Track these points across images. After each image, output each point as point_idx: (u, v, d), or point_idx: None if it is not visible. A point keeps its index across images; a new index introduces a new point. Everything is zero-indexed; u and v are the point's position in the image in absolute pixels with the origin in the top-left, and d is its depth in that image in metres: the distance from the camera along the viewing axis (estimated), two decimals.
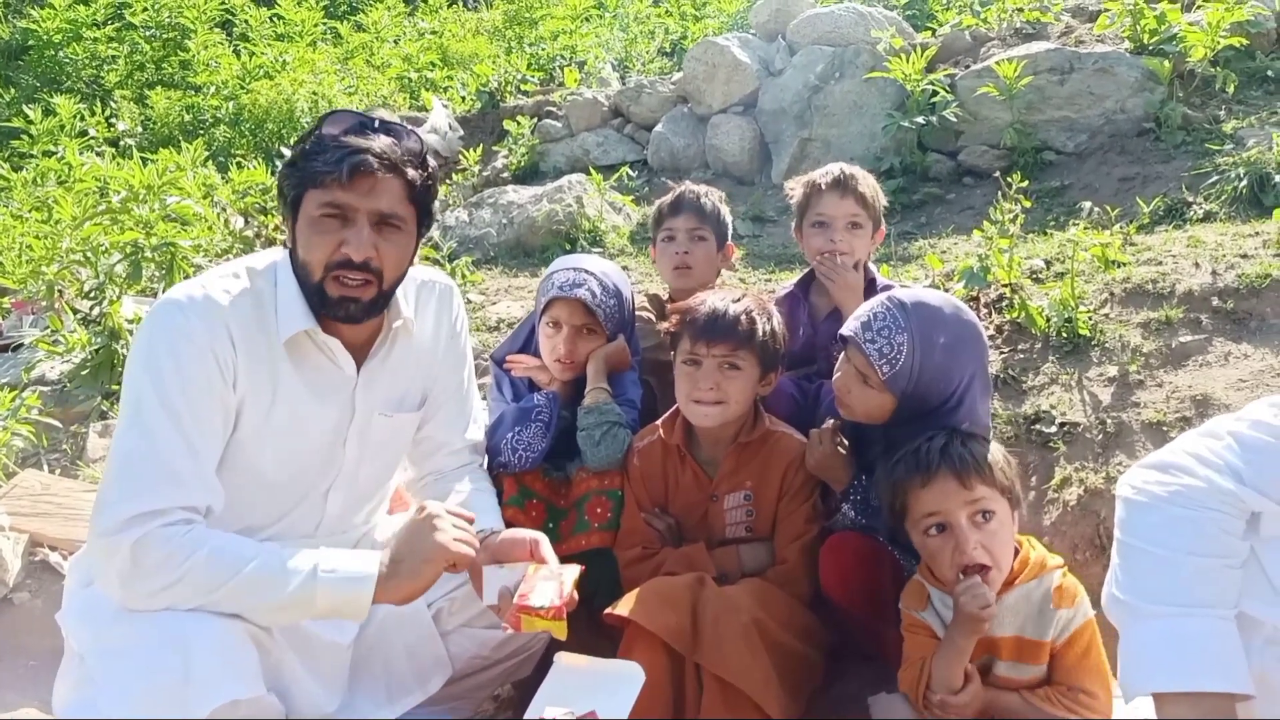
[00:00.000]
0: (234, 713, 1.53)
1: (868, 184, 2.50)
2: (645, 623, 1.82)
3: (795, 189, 2.56)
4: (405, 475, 2.19)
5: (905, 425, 1.89)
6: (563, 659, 1.68)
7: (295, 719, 1.76)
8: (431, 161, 1.84)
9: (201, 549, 1.57)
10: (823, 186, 2.46)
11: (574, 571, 1.71)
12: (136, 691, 1.50)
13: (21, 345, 4.01)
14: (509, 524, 1.97)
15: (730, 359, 2.03)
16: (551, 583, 1.67)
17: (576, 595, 1.68)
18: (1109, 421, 2.61)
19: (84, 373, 3.58)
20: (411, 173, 1.74)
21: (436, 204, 2.13)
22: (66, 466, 3.27)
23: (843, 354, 2.01)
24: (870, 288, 2.40)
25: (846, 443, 2.07)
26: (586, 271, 2.30)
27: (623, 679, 1.60)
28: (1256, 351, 2.78)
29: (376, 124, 1.76)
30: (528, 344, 2.44)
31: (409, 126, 1.82)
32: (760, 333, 2.05)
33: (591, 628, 2.01)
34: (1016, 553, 1.78)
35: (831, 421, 2.07)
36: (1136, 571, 1.33)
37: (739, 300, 2.07)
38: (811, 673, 1.95)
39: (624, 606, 1.87)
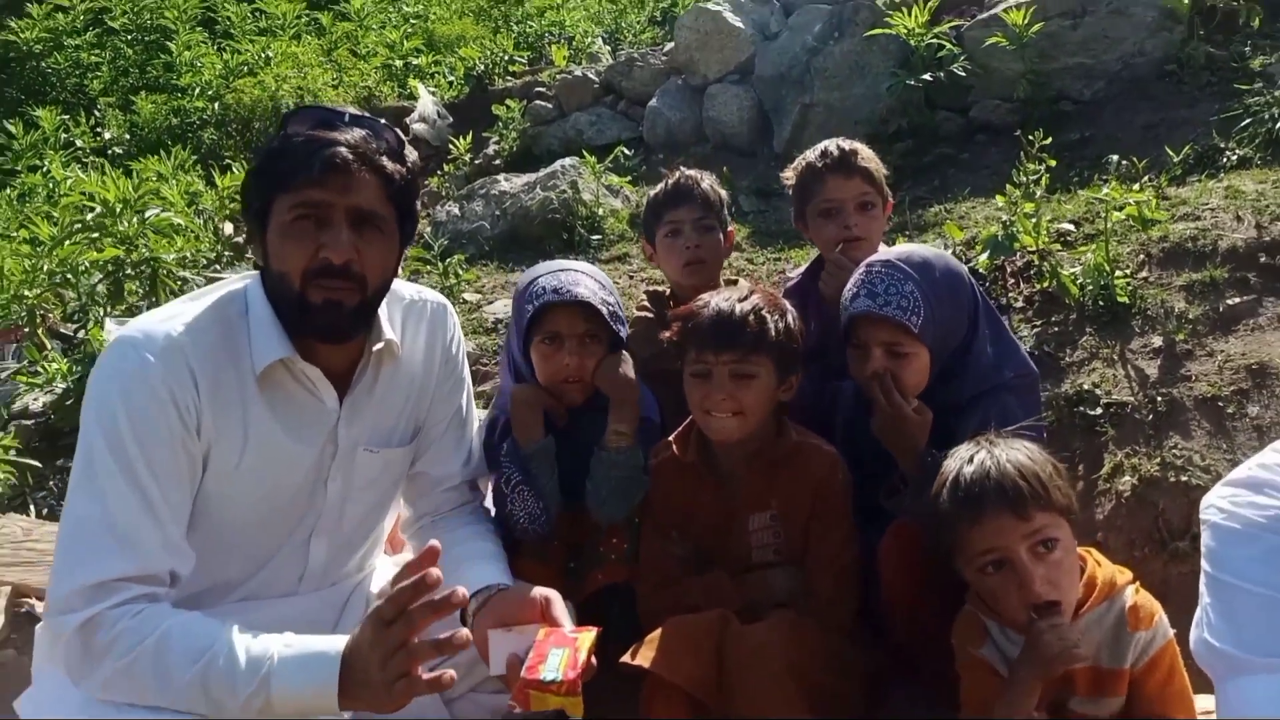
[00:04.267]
0: None
1: (869, 157, 2.30)
2: (666, 673, 1.64)
3: (791, 175, 2.34)
4: (402, 515, 2.01)
5: (948, 382, 1.83)
6: None
7: None
8: (411, 154, 1.65)
9: (152, 634, 1.40)
10: (822, 169, 2.24)
11: (589, 636, 1.52)
12: None
13: (3, 376, 3.86)
14: (528, 575, 1.77)
15: (743, 366, 1.82)
16: (564, 650, 1.48)
17: (594, 662, 1.50)
18: (1159, 399, 2.41)
19: (68, 404, 3.43)
20: (390, 166, 1.57)
21: (420, 204, 1.91)
22: (54, 506, 3.13)
23: (853, 348, 1.88)
24: None
25: (924, 407, 1.86)
26: (574, 270, 2.04)
27: None
28: None
29: (346, 118, 1.59)
30: (517, 378, 2.13)
31: (384, 121, 1.64)
32: (773, 333, 1.84)
33: (607, 672, 1.83)
34: (1080, 572, 1.58)
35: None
36: (1236, 615, 1.15)
37: (746, 299, 1.86)
38: (853, 710, 1.76)
39: (643, 654, 1.68)
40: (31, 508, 3.10)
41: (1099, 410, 2.43)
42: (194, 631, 1.43)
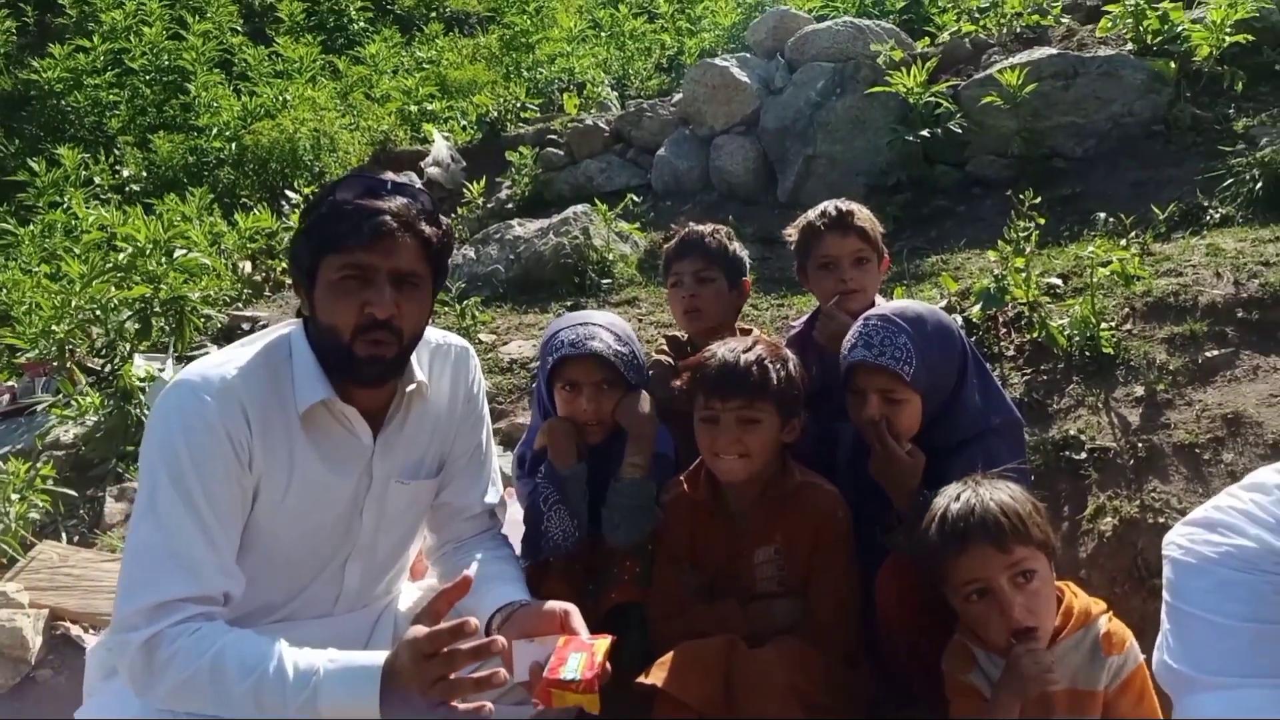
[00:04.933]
0: None
1: (865, 217, 2.46)
2: (677, 692, 1.78)
3: (793, 232, 2.52)
4: (425, 542, 2.15)
5: (939, 427, 1.96)
6: None
7: None
8: (445, 220, 1.81)
9: (209, 651, 1.53)
10: (821, 227, 2.42)
11: (605, 642, 1.67)
12: None
13: (31, 410, 3.99)
14: (553, 593, 1.90)
15: (747, 412, 1.97)
16: (582, 654, 1.63)
17: (609, 666, 1.64)
18: (1140, 445, 2.55)
19: (98, 436, 3.57)
20: (428, 230, 1.73)
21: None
22: (84, 534, 3.26)
23: (851, 393, 2.02)
24: None
25: (917, 450, 2.01)
26: (593, 324, 2.23)
27: None
28: None
29: (389, 186, 1.74)
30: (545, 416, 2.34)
31: (420, 187, 1.80)
32: (775, 381, 1.99)
33: (620, 689, 1.96)
34: (1058, 602, 1.73)
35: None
36: (1191, 639, 1.28)
37: (750, 349, 2.01)
38: None
39: (655, 674, 1.82)
40: (63, 534, 3.22)
41: (1083, 455, 2.57)
42: (247, 648, 1.56)
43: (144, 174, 8.63)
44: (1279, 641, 1.24)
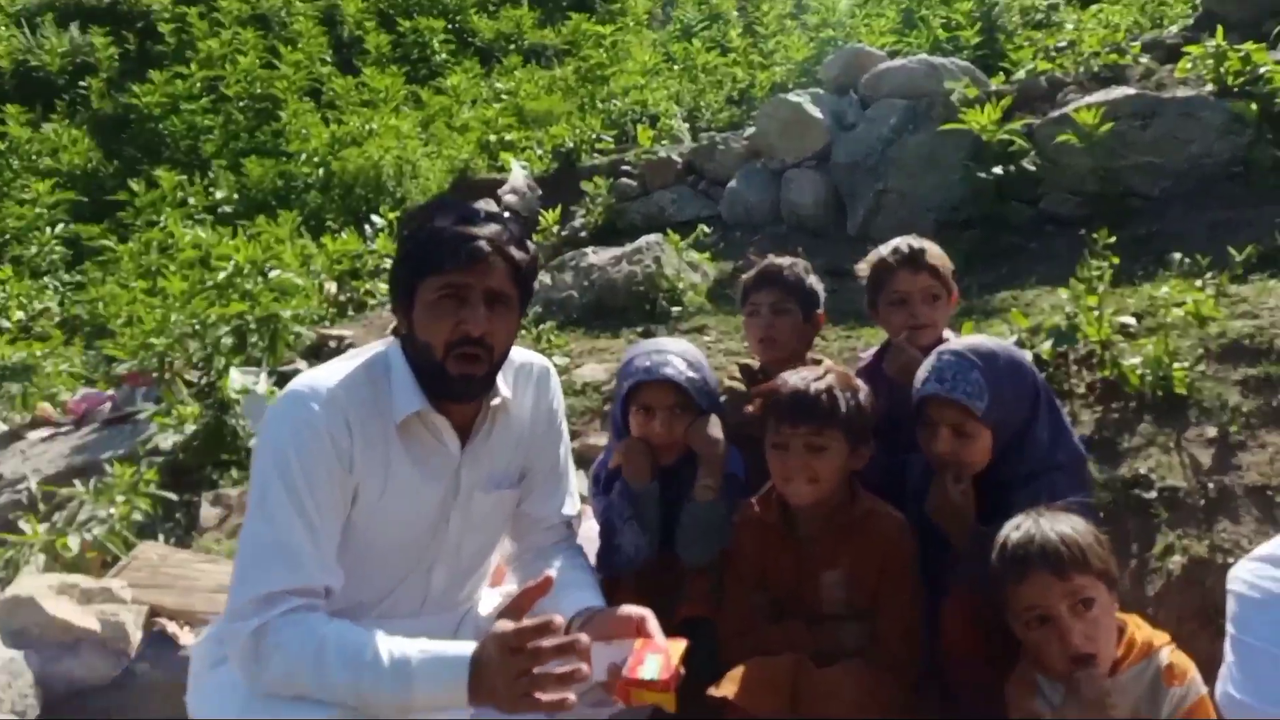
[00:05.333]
0: None
1: (936, 254, 2.52)
2: (748, 706, 1.85)
3: (864, 268, 2.59)
4: (506, 550, 2.26)
5: (1006, 461, 2.00)
6: None
7: None
8: (531, 246, 1.93)
9: (312, 641, 1.64)
10: (893, 264, 2.48)
11: (680, 646, 1.76)
12: None
13: (134, 417, 4.23)
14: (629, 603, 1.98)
15: (816, 439, 2.05)
16: (659, 656, 1.72)
17: (683, 669, 1.72)
18: (1211, 486, 2.56)
19: (195, 444, 3.77)
20: (517, 255, 1.85)
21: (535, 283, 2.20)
22: (180, 536, 3.45)
23: (922, 426, 2.06)
24: None
25: (970, 490, 2.07)
26: (666, 352, 2.33)
27: None
28: None
29: (482, 214, 1.87)
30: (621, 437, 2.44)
31: (508, 214, 1.93)
32: (844, 408, 2.07)
33: (690, 700, 2.04)
34: (1121, 634, 1.77)
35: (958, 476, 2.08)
36: (1256, 672, 1.32)
37: (821, 378, 2.10)
38: None
39: (726, 687, 1.89)
40: (160, 536, 3.42)
41: (1154, 494, 2.58)
42: (347, 638, 1.67)
43: (235, 196, 9.04)
44: None
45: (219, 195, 8.94)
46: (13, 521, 3.25)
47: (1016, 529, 1.78)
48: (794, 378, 2.11)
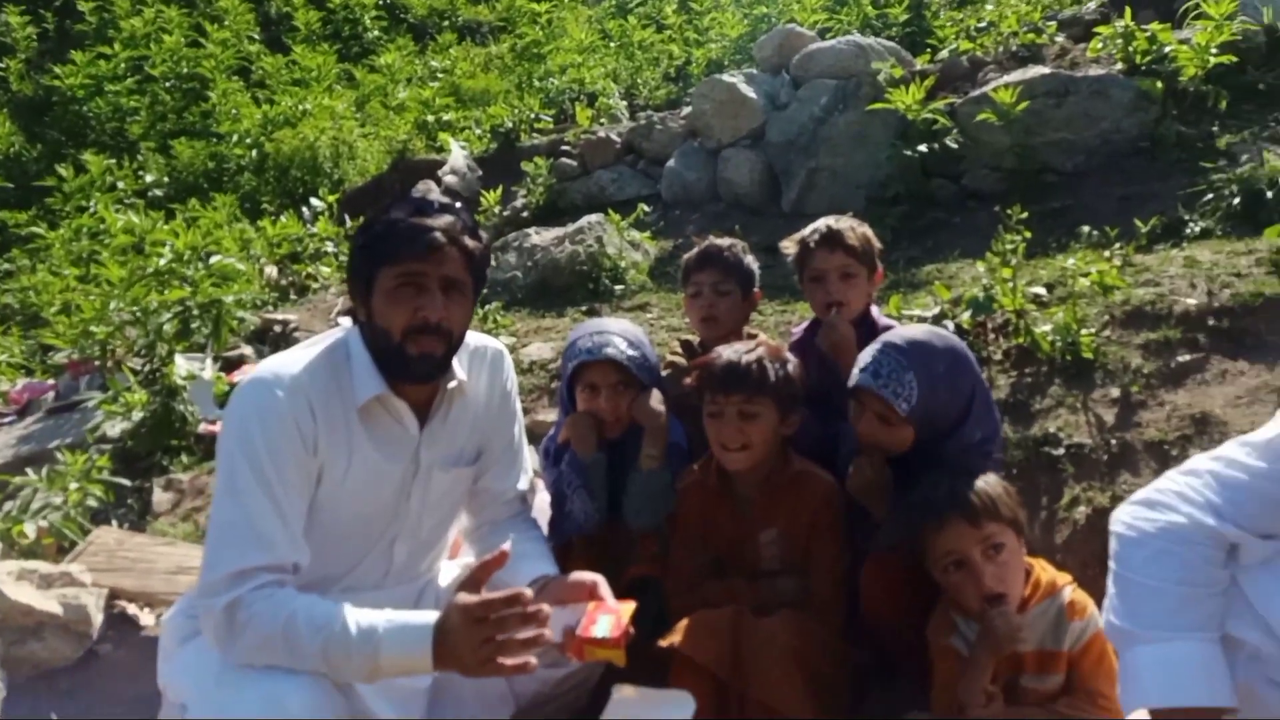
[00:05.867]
0: None
1: (856, 234, 2.64)
2: (692, 653, 2.02)
3: (790, 247, 2.73)
4: (464, 524, 2.38)
5: (928, 447, 2.11)
6: (620, 690, 1.87)
7: None
8: (483, 235, 2.04)
9: (282, 613, 1.74)
10: (812, 244, 2.63)
11: (629, 607, 1.91)
12: None
13: (79, 405, 4.23)
14: (578, 570, 2.11)
15: (747, 407, 2.21)
16: (610, 616, 1.87)
17: (632, 628, 1.87)
18: (1113, 442, 2.78)
19: (143, 431, 3.80)
20: (471, 244, 1.95)
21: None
22: (134, 521, 3.49)
23: (854, 403, 2.21)
24: (871, 329, 2.58)
25: (885, 469, 2.22)
26: (608, 332, 2.47)
27: (675, 704, 1.80)
28: (1252, 368, 2.94)
29: (436, 205, 1.97)
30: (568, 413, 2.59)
31: (460, 205, 2.03)
32: (773, 378, 2.22)
33: (639, 655, 2.19)
34: (1028, 575, 1.97)
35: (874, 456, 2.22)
36: (1131, 600, 1.51)
37: (751, 350, 2.26)
38: (844, 695, 2.13)
39: (672, 637, 2.06)
40: (113, 521, 3.46)
41: (1061, 450, 2.80)
42: (316, 610, 1.78)
43: (166, 179, 8.86)
44: (1202, 602, 1.48)
45: (148, 179, 8.75)
46: None
47: (935, 486, 1.96)
48: (728, 351, 2.26)
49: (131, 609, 2.96)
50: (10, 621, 2.70)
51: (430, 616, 1.77)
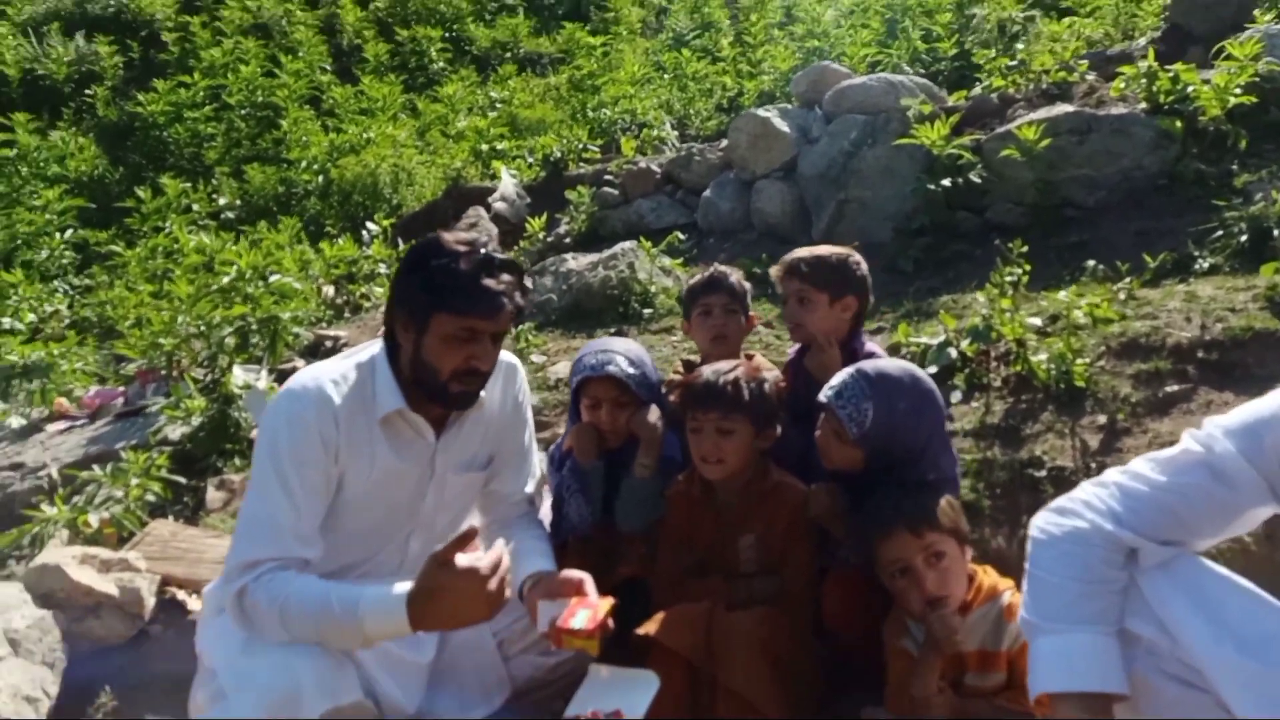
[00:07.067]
0: (339, 714, 1.96)
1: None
2: (667, 641, 2.22)
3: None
4: (474, 521, 2.61)
5: (878, 475, 2.27)
6: (595, 668, 2.08)
7: (384, 719, 2.18)
8: (527, 284, 2.24)
9: (279, 597, 1.96)
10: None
11: (608, 603, 2.11)
12: (261, 703, 1.91)
13: (145, 410, 4.59)
14: (573, 568, 2.30)
15: (724, 424, 2.40)
16: (589, 610, 2.08)
17: (611, 622, 2.07)
18: (1094, 466, 2.91)
19: (201, 435, 4.13)
20: (521, 302, 2.16)
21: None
22: (189, 516, 3.80)
23: (822, 415, 2.39)
24: (853, 356, 2.75)
25: (844, 499, 2.40)
26: (612, 351, 2.69)
27: (642, 683, 2.01)
28: (1237, 399, 3.04)
29: (498, 262, 2.10)
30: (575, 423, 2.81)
31: (515, 259, 2.21)
32: (748, 396, 2.41)
33: (625, 645, 2.39)
34: (972, 580, 2.13)
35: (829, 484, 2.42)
36: (1037, 596, 1.68)
37: (730, 370, 2.45)
38: (811, 686, 2.31)
39: (649, 626, 2.26)
40: (170, 516, 3.77)
41: (1044, 472, 2.94)
42: (306, 594, 1.99)
43: (238, 202, 9.35)
44: (1099, 598, 1.64)
45: (222, 201, 9.25)
46: (36, 504, 3.60)
47: (883, 500, 2.16)
48: (708, 370, 2.47)
49: (180, 594, 3.25)
50: (73, 600, 3.01)
51: (404, 588, 1.95)
